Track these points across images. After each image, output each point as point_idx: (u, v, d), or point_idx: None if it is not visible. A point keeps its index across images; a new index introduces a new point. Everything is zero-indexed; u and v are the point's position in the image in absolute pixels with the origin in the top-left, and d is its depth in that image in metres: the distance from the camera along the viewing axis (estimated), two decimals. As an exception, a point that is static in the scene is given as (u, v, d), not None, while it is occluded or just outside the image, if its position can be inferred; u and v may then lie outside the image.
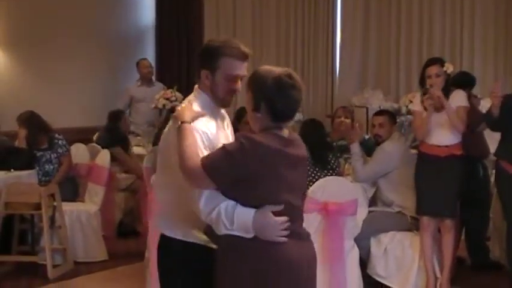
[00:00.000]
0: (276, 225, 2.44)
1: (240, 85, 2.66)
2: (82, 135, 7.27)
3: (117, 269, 5.66)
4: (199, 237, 2.60)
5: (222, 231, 2.44)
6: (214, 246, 2.56)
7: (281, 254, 2.46)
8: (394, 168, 4.97)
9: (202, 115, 2.59)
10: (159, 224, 2.73)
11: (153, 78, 8.40)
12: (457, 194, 4.84)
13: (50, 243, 5.43)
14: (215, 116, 2.68)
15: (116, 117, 7.09)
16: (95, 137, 7.21)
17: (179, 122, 2.52)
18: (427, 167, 4.81)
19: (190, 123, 2.52)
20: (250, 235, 2.44)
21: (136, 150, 7.12)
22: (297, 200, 2.56)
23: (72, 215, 5.80)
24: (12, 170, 5.66)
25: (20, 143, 6.08)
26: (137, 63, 8.15)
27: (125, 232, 6.64)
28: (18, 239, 5.67)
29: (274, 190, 2.47)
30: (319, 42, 8.32)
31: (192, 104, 2.63)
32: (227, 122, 2.79)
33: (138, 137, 7.57)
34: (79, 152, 6.38)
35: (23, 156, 5.90)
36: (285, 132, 2.55)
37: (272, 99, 2.49)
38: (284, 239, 2.46)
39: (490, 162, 5.77)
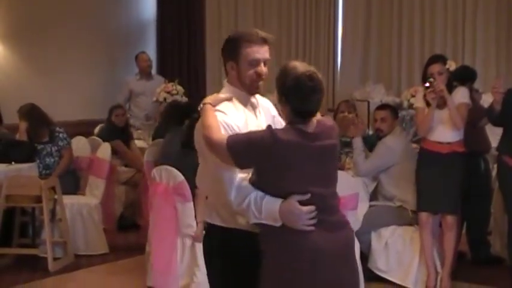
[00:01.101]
0: (301, 214, 2.52)
1: (264, 69, 2.72)
2: (82, 128, 7.26)
3: (118, 262, 5.67)
4: (238, 223, 2.70)
5: (252, 220, 2.58)
6: (253, 230, 2.67)
7: (305, 243, 2.53)
8: (395, 162, 4.97)
9: (227, 99, 2.72)
10: (204, 211, 2.92)
11: (152, 71, 8.40)
12: (459, 191, 4.83)
13: (51, 236, 5.44)
14: (245, 104, 2.77)
15: (109, 111, 7.06)
16: (96, 130, 7.20)
17: (201, 104, 2.70)
18: (429, 163, 4.80)
19: (212, 105, 2.68)
20: (278, 224, 2.54)
21: (137, 143, 7.11)
22: (325, 189, 2.60)
23: (72, 208, 5.80)
24: (13, 162, 5.67)
25: (21, 135, 6.08)
26: (136, 57, 8.15)
27: (125, 225, 6.64)
28: (18, 231, 5.67)
29: (295, 182, 2.55)
30: (320, 36, 8.30)
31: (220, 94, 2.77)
32: (261, 109, 2.83)
33: (139, 131, 7.57)
34: (80, 145, 6.38)
35: (23, 149, 5.89)
36: (311, 125, 2.58)
37: (290, 98, 2.58)
38: (311, 228, 2.53)
39: (492, 157, 5.77)
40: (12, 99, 6.78)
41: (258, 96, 2.83)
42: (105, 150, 6.19)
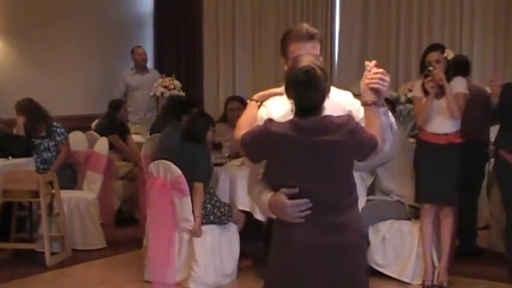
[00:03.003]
0: (285, 208, 2.49)
1: None
2: (80, 123, 7.26)
3: (116, 257, 5.67)
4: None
5: (258, 214, 2.61)
6: None
7: (289, 238, 2.52)
8: (393, 157, 4.96)
9: (276, 94, 2.75)
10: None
11: (150, 66, 8.39)
12: (456, 182, 4.85)
13: (48, 230, 5.43)
14: None
15: (115, 106, 7.09)
16: (93, 125, 7.20)
17: (248, 100, 2.79)
18: (427, 154, 4.82)
19: (256, 101, 2.75)
20: (275, 216, 2.59)
21: (134, 138, 7.11)
22: (320, 186, 2.50)
23: (70, 202, 5.80)
24: (10, 157, 5.66)
25: (19, 130, 6.07)
26: (132, 51, 8.14)
27: (123, 220, 6.65)
28: (16, 226, 5.66)
29: (283, 175, 2.53)
30: (318, 30, 8.27)
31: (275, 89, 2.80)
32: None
33: (137, 125, 7.56)
34: (77, 140, 6.37)
35: (21, 143, 5.89)
36: (312, 120, 2.49)
37: (288, 92, 2.55)
38: (300, 220, 2.49)
39: (489, 151, 5.78)
40: (10, 93, 6.77)
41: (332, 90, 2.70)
42: (102, 144, 6.18)
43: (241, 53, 8.86)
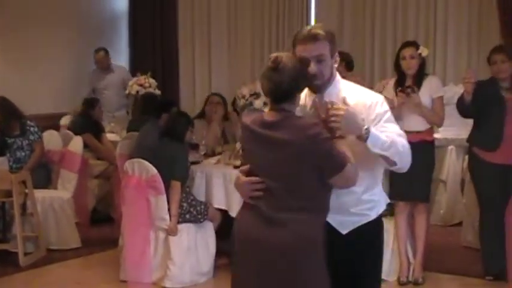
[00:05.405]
0: (242, 183, 2.67)
1: (314, 68, 2.62)
2: (53, 121, 7.21)
3: (91, 256, 5.63)
4: None
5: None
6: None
7: (239, 224, 2.73)
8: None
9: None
10: None
11: (125, 64, 8.30)
12: (429, 179, 4.90)
13: (22, 230, 5.38)
14: (316, 102, 2.69)
15: (90, 104, 7.04)
16: (67, 122, 7.13)
17: None
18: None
19: None
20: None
21: (109, 136, 7.06)
22: (273, 183, 2.56)
23: (44, 202, 5.74)
24: (-18, 156, 5.59)
25: (-9, 129, 5.99)
26: (95, 52, 8.00)
27: (98, 219, 6.59)
28: (-11, 226, 5.60)
29: (251, 165, 2.69)
30: (293, 28, 8.28)
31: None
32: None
33: (112, 124, 7.50)
34: (52, 139, 6.31)
35: (-7, 142, 5.82)
36: (275, 115, 2.58)
37: (261, 83, 2.66)
38: (251, 200, 2.63)
39: (463, 148, 5.84)
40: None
41: (353, 90, 2.71)
42: (77, 143, 6.14)
43: (217, 50, 8.84)
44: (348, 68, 5.62)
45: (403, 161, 2.66)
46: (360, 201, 2.68)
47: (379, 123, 2.64)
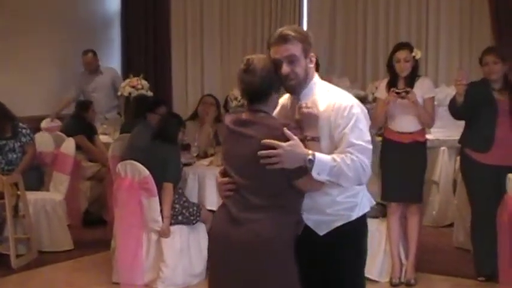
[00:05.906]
0: (218, 183, 2.77)
1: (286, 68, 2.65)
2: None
3: (83, 258, 5.62)
4: None
5: None
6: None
7: (214, 223, 2.82)
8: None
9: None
10: None
11: (117, 66, 8.27)
12: (421, 180, 4.91)
13: (14, 232, 5.36)
14: (293, 103, 2.75)
15: (83, 106, 7.02)
16: (48, 125, 7.11)
17: None
18: (392, 153, 4.85)
19: None
20: None
21: (102, 138, 7.04)
22: (242, 180, 2.64)
23: (36, 204, 5.73)
24: (-26, 159, 5.57)
25: (-17, 131, 5.96)
26: (83, 53, 7.95)
27: (90, 221, 6.58)
28: (-19, 228, 5.58)
29: (224, 162, 2.80)
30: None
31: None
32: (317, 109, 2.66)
33: (104, 126, 7.48)
34: (44, 140, 6.30)
35: (-15, 144, 5.80)
36: (246, 114, 2.69)
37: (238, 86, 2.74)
38: (225, 199, 2.72)
39: (455, 149, 5.85)
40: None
41: (327, 93, 2.70)
42: (69, 145, 6.12)
43: (209, 51, 8.84)
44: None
45: (350, 180, 2.62)
46: (335, 203, 2.68)
47: (342, 131, 2.60)
